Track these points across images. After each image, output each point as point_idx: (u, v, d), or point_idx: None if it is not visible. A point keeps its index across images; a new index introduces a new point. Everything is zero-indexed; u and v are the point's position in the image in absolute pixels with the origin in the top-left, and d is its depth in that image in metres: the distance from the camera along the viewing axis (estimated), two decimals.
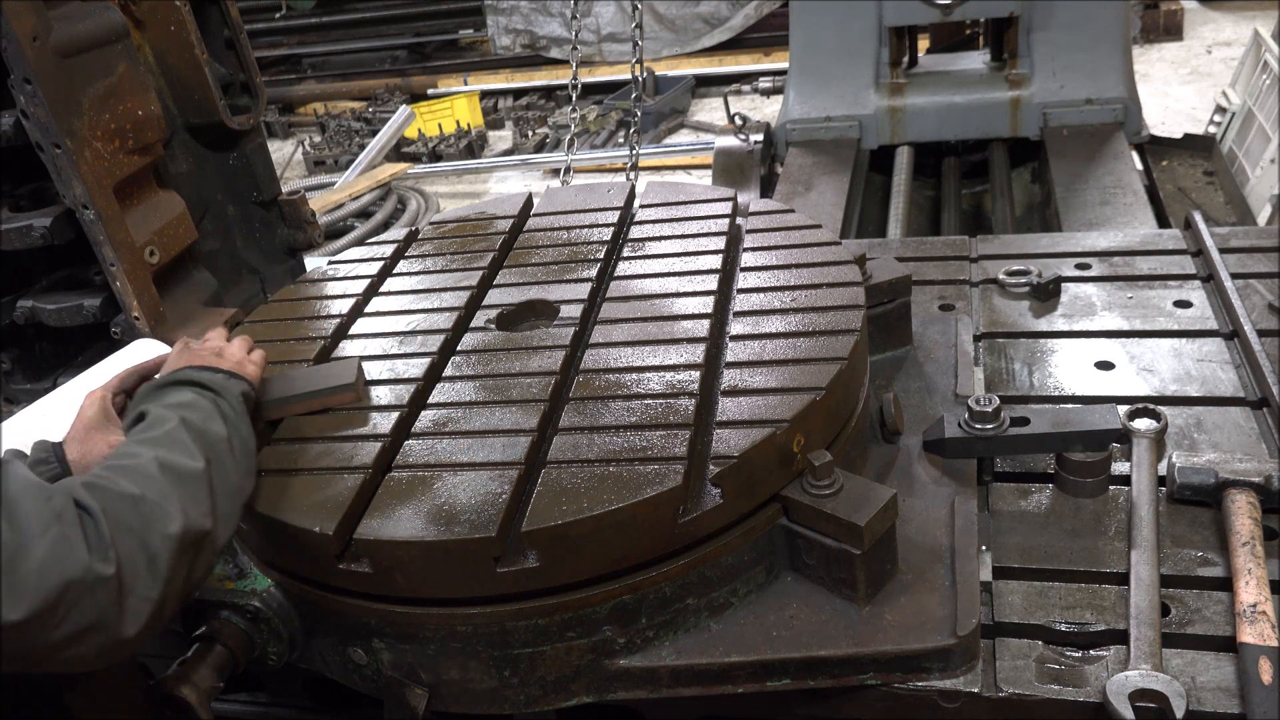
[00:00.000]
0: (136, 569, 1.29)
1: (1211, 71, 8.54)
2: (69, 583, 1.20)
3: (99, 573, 1.23)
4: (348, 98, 11.18)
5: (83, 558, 1.22)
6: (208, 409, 1.54)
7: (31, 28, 2.22)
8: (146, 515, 1.33)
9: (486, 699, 1.62)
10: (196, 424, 1.50)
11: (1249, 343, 2.20)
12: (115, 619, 1.26)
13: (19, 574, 1.16)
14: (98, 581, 1.23)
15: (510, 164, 8.69)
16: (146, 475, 1.38)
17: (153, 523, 1.33)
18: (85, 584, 1.22)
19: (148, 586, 1.30)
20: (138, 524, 1.31)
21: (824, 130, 4.75)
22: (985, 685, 1.57)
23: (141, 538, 1.31)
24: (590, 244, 2.35)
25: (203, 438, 1.48)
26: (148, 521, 1.33)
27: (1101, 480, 1.89)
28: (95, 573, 1.23)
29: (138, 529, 1.31)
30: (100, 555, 1.25)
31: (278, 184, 3.16)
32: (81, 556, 1.22)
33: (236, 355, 1.74)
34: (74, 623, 1.22)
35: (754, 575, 1.66)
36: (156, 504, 1.35)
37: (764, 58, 9.94)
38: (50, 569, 1.18)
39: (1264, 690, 1.45)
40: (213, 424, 1.52)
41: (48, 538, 1.20)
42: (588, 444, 1.64)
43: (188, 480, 1.41)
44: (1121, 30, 4.51)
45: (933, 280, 2.74)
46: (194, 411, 1.52)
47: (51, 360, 2.84)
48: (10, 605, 1.15)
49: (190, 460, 1.43)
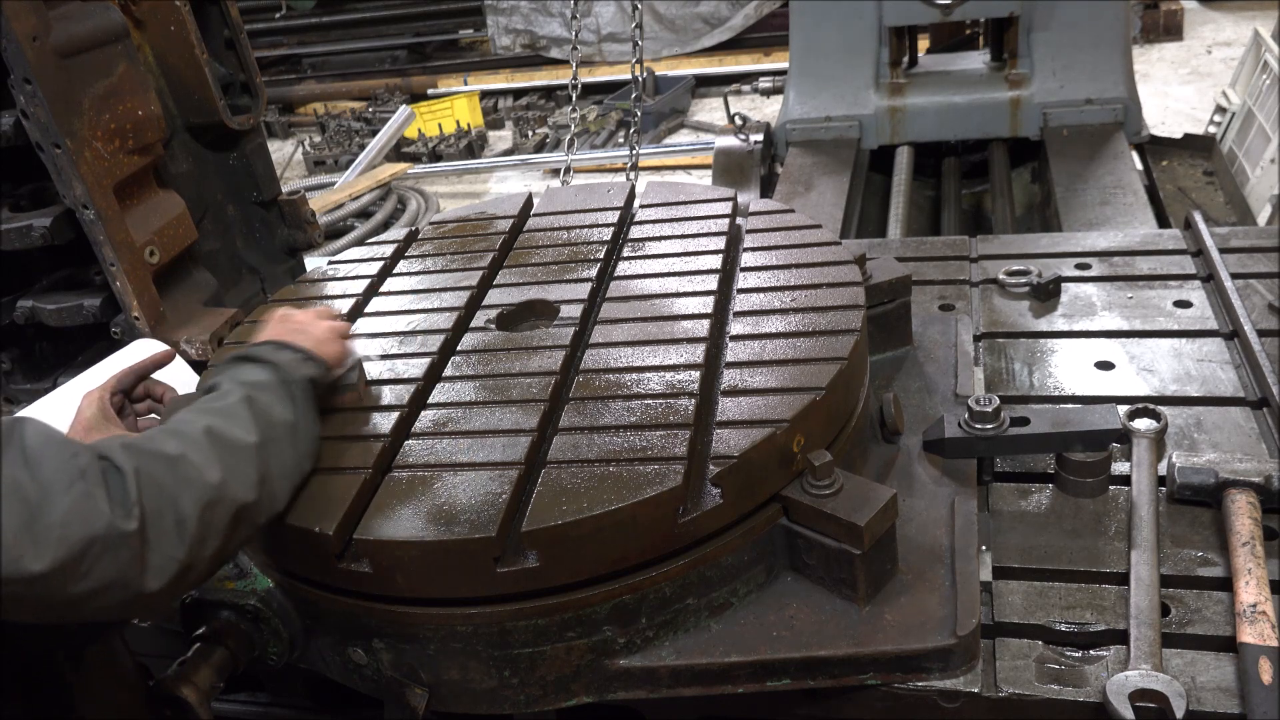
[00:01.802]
0: (163, 527, 1.29)
1: (1211, 71, 8.54)
2: (91, 538, 1.21)
3: (121, 529, 1.24)
4: (348, 98, 11.18)
5: (105, 514, 1.23)
6: (276, 390, 1.56)
7: (31, 28, 2.22)
8: (182, 475, 1.34)
9: (486, 699, 1.62)
10: (261, 403, 1.52)
11: (1249, 343, 2.20)
12: (137, 575, 1.27)
13: (42, 526, 1.17)
14: (120, 538, 1.24)
15: (510, 164, 8.69)
16: (192, 439, 1.39)
17: (187, 483, 1.34)
18: (107, 540, 1.22)
19: (173, 545, 1.30)
20: (170, 482, 1.32)
21: (824, 130, 4.75)
22: (985, 685, 1.57)
23: (172, 497, 1.31)
24: (590, 244, 2.35)
25: (265, 417, 1.50)
26: (182, 481, 1.33)
27: (1101, 480, 1.89)
28: (117, 529, 1.23)
29: (169, 487, 1.31)
30: (123, 511, 1.25)
31: (278, 184, 3.16)
32: (104, 512, 1.23)
33: (318, 334, 1.73)
34: (96, 578, 1.22)
35: (754, 575, 1.66)
36: (195, 465, 1.36)
37: (764, 58, 9.94)
38: (73, 524, 1.19)
39: (1264, 690, 1.45)
40: (278, 406, 1.54)
41: (72, 493, 1.20)
42: (588, 444, 1.64)
43: (235, 451, 1.42)
44: (1121, 30, 4.51)
45: (933, 280, 2.74)
46: (262, 391, 1.54)
47: (51, 360, 2.84)
48: (34, 557, 1.16)
49: (243, 433, 1.45)
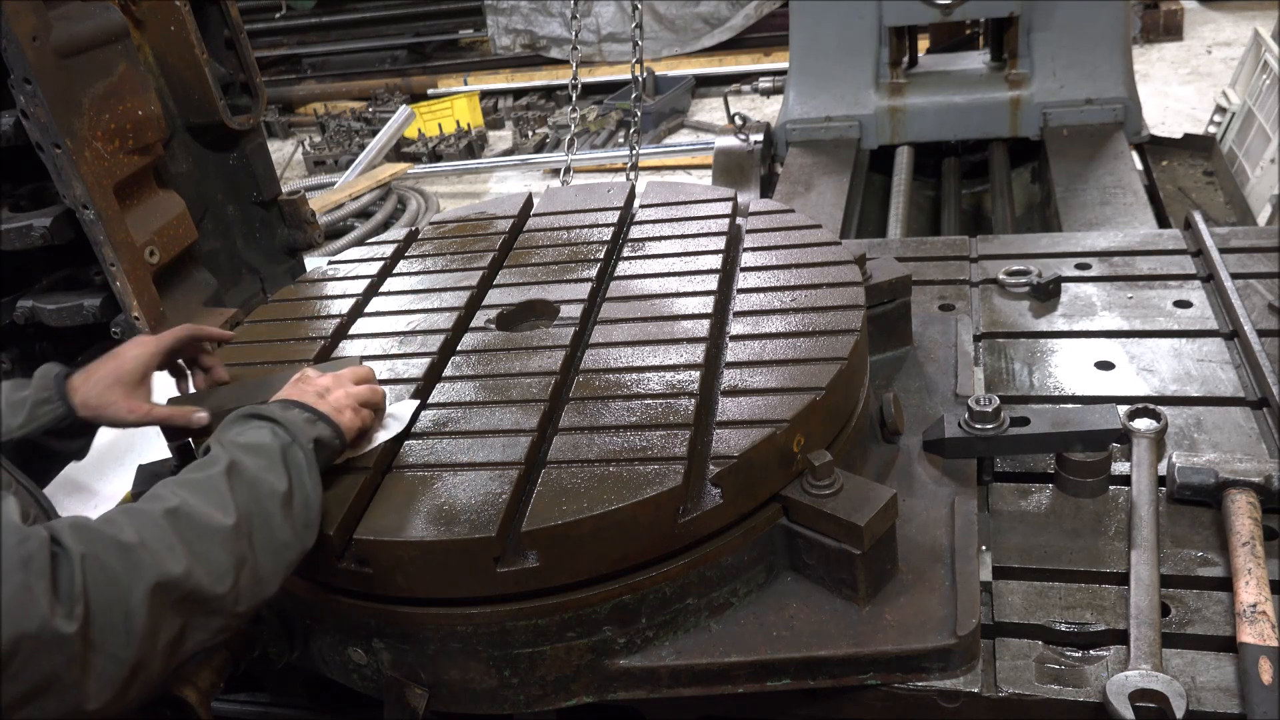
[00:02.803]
0: (109, 625, 1.18)
1: (1211, 71, 8.54)
2: (21, 636, 1.10)
3: (57, 629, 1.13)
4: (348, 98, 11.18)
5: (41, 611, 1.12)
6: (273, 455, 1.43)
7: (31, 28, 2.22)
8: (135, 564, 1.22)
9: (486, 699, 1.62)
10: (249, 473, 1.39)
11: (1249, 343, 2.20)
12: (75, 680, 1.15)
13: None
14: (55, 639, 1.13)
15: (510, 164, 8.69)
16: (154, 523, 1.28)
17: (140, 574, 1.22)
18: (40, 640, 1.12)
19: (120, 645, 1.19)
20: (122, 572, 1.20)
21: (824, 130, 4.75)
22: (985, 685, 1.57)
23: (123, 589, 1.20)
24: (590, 244, 2.35)
25: (252, 489, 1.38)
26: (134, 570, 1.21)
27: (1101, 480, 1.89)
28: (53, 629, 1.12)
29: (121, 578, 1.20)
30: (65, 610, 1.14)
31: (278, 184, 3.16)
32: (40, 610, 1.12)
33: (338, 400, 1.61)
34: (25, 681, 1.12)
35: (754, 575, 1.66)
36: (152, 553, 1.24)
37: (764, 58, 9.94)
38: (6, 619, 1.09)
39: (1264, 690, 1.44)
40: (270, 474, 1.41)
41: (10, 585, 1.11)
42: (588, 444, 1.64)
43: (205, 536, 1.30)
44: (1121, 30, 4.51)
45: (933, 280, 2.74)
46: (255, 456, 1.42)
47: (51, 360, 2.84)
48: None
49: (218, 514, 1.32)
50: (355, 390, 1.67)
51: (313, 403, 1.58)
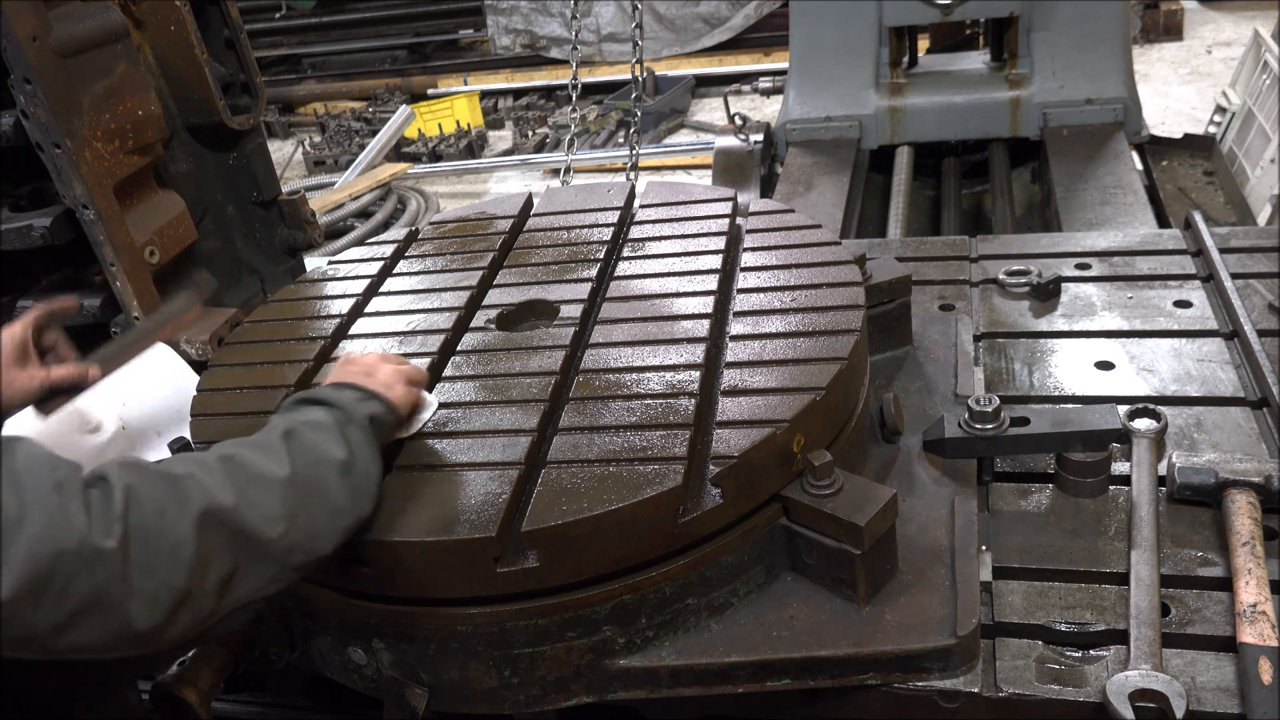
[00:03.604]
0: (154, 548, 1.18)
1: (1211, 71, 8.54)
2: (60, 554, 1.11)
3: (96, 544, 1.14)
4: (348, 98, 11.18)
5: (79, 527, 1.13)
6: (330, 429, 1.46)
7: (31, 28, 2.22)
8: (182, 494, 1.23)
9: (486, 699, 1.62)
10: (305, 440, 1.42)
11: (1249, 343, 2.20)
12: (119, 599, 1.16)
13: (11, 547, 1.09)
14: (95, 555, 1.13)
15: (510, 164, 8.69)
16: (205, 463, 1.30)
17: (187, 503, 1.23)
18: (80, 556, 1.12)
19: (168, 571, 1.19)
20: (169, 501, 1.22)
21: (824, 130, 4.75)
22: (985, 685, 1.57)
23: (169, 516, 1.21)
24: (590, 244, 2.35)
25: (308, 453, 1.40)
26: (181, 499, 1.22)
27: (1101, 480, 1.89)
28: (92, 544, 1.13)
29: (167, 507, 1.21)
30: (103, 527, 1.15)
31: (278, 184, 3.16)
32: (78, 525, 1.13)
33: (386, 377, 1.64)
34: (70, 600, 1.12)
35: (754, 575, 1.66)
36: (200, 484, 1.25)
37: (764, 58, 9.94)
38: (41, 540, 1.10)
39: (1264, 690, 1.44)
40: (329, 445, 1.43)
41: (45, 509, 1.12)
42: (588, 444, 1.64)
43: (257, 481, 1.32)
44: (1121, 30, 4.51)
45: (933, 280, 2.74)
46: (314, 429, 1.44)
47: None
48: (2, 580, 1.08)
49: (273, 466, 1.35)
50: (403, 367, 1.71)
51: (362, 382, 1.60)
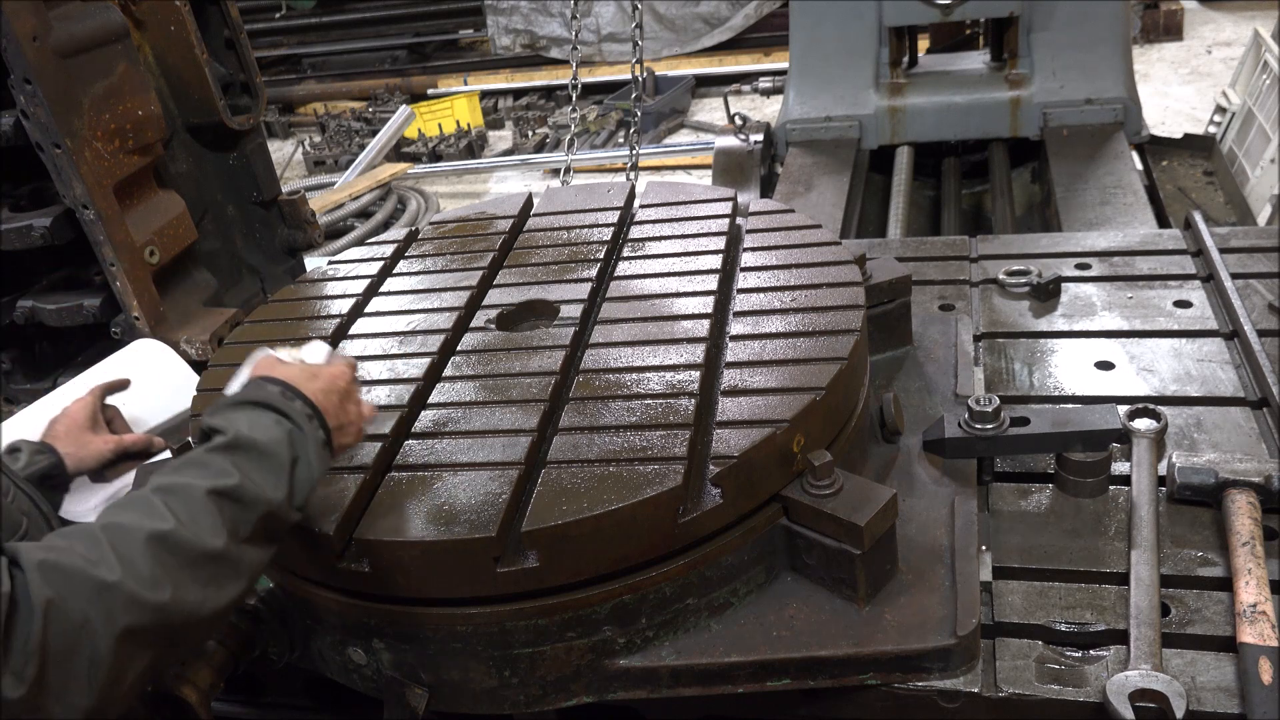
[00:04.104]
0: (70, 674, 1.09)
1: (1211, 71, 8.54)
2: None
3: (3, 695, 1.04)
4: (348, 98, 11.18)
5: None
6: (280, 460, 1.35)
7: (31, 28, 2.22)
8: (109, 606, 1.13)
9: (486, 699, 1.62)
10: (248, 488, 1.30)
11: (1249, 343, 2.20)
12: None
13: None
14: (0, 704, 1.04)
15: (510, 164, 8.69)
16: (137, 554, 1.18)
17: (112, 615, 1.13)
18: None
19: (80, 693, 1.10)
20: (94, 616, 1.11)
21: (824, 130, 4.75)
22: (985, 685, 1.57)
23: (91, 634, 1.11)
24: (590, 244, 2.35)
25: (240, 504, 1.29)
26: (108, 614, 1.12)
27: (1101, 480, 1.89)
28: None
29: (91, 622, 1.11)
30: (17, 667, 1.05)
31: (278, 184, 3.16)
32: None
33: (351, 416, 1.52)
34: None
35: (754, 575, 1.66)
36: (131, 593, 1.14)
37: (764, 58, 9.94)
38: None
39: (1264, 690, 1.44)
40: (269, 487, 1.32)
41: None
42: (588, 444, 1.64)
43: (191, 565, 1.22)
44: (1121, 30, 4.51)
45: (933, 280, 2.74)
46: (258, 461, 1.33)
47: (51, 360, 2.85)
48: None
49: (211, 538, 1.24)
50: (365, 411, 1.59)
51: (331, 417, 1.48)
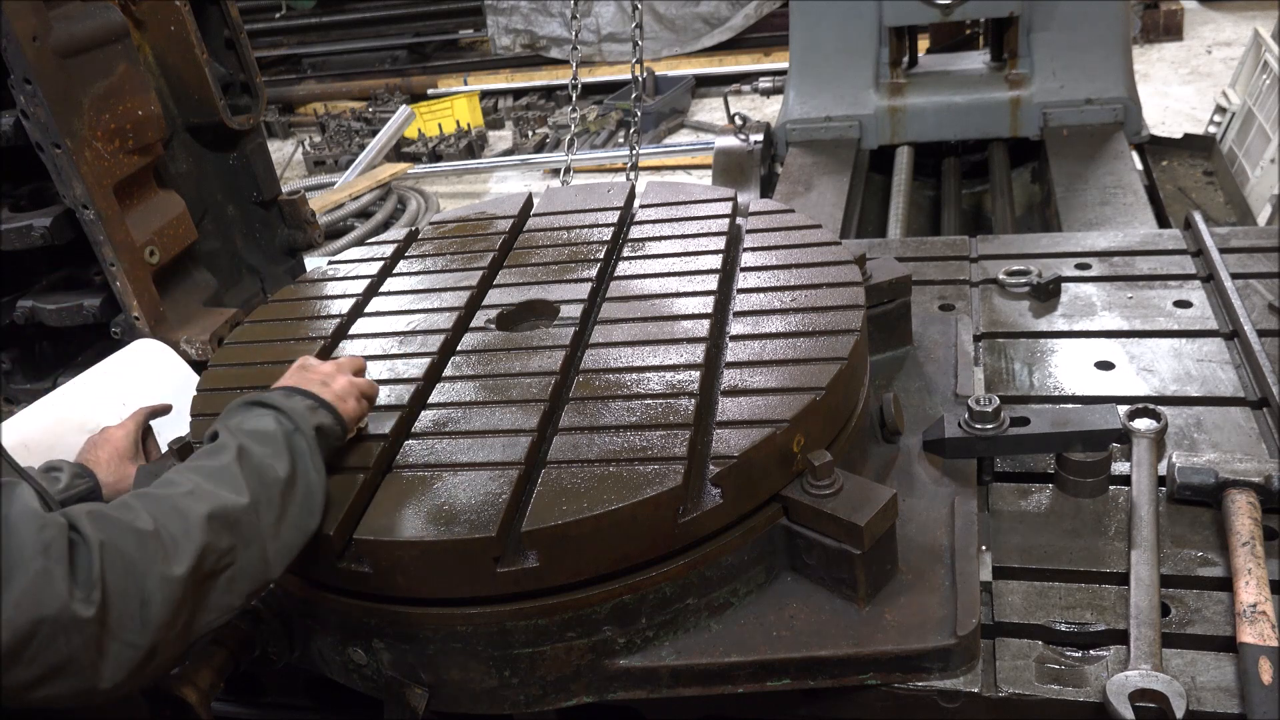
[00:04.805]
0: (125, 611, 1.20)
1: (1211, 71, 8.54)
2: (41, 620, 1.13)
3: (76, 614, 1.15)
4: (348, 98, 11.18)
5: (60, 594, 1.14)
6: (277, 440, 1.46)
7: (31, 28, 2.22)
8: (151, 552, 1.24)
9: (486, 699, 1.62)
10: (255, 459, 1.41)
11: (1249, 343, 2.20)
12: (91, 663, 1.18)
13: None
14: (73, 623, 1.15)
15: (510, 164, 8.69)
16: (172, 509, 1.30)
17: (155, 562, 1.24)
18: (59, 623, 1.14)
19: (135, 632, 1.21)
20: (139, 560, 1.23)
21: (824, 130, 4.75)
22: (985, 685, 1.57)
23: (139, 575, 1.22)
24: (590, 244, 2.35)
25: (258, 473, 1.40)
26: (150, 558, 1.24)
27: (1101, 480, 1.89)
28: (72, 613, 1.15)
29: (137, 565, 1.22)
30: (83, 594, 1.16)
31: (278, 184, 3.16)
32: (60, 593, 1.14)
33: (341, 389, 1.63)
34: (41, 664, 1.14)
35: (754, 575, 1.66)
36: (169, 541, 1.26)
37: (764, 58, 9.94)
38: (25, 603, 1.12)
39: (1264, 690, 1.44)
40: (276, 461, 1.43)
41: (30, 570, 1.13)
42: (588, 444, 1.64)
43: (220, 517, 1.32)
44: (1121, 30, 4.51)
45: (933, 280, 2.74)
46: (261, 442, 1.44)
47: (51, 360, 2.85)
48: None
49: (233, 495, 1.35)
50: (359, 380, 1.70)
51: (316, 390, 1.60)
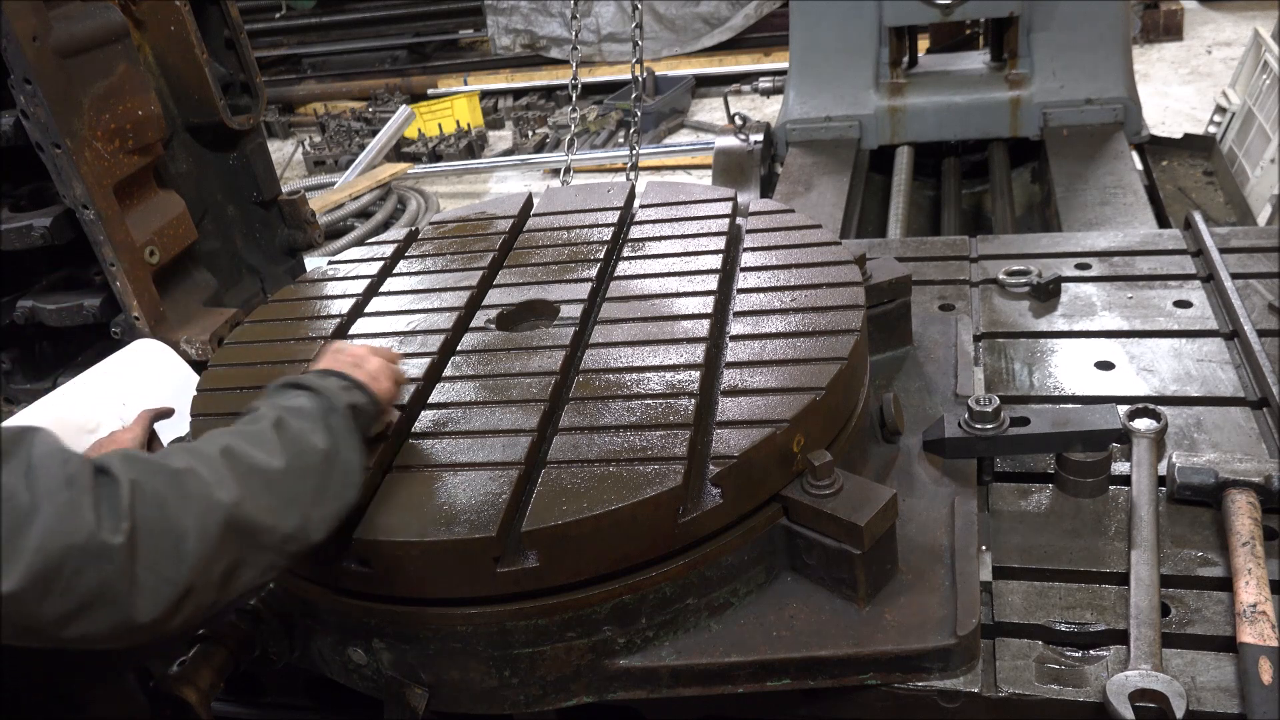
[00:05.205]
0: (158, 544, 1.20)
1: (1211, 71, 8.54)
2: (69, 548, 1.13)
3: (104, 540, 1.15)
4: (348, 98, 11.18)
5: (88, 523, 1.15)
6: (314, 417, 1.46)
7: (31, 28, 2.22)
8: (185, 490, 1.25)
9: (486, 699, 1.62)
10: (293, 429, 1.43)
11: (1249, 343, 2.20)
12: (124, 593, 1.18)
13: (22, 539, 1.11)
14: (102, 550, 1.15)
15: (510, 164, 8.69)
16: (204, 456, 1.31)
17: (190, 499, 1.24)
18: (88, 551, 1.14)
19: (171, 566, 1.21)
20: (172, 496, 1.23)
21: (824, 130, 4.75)
22: (985, 685, 1.57)
23: (172, 512, 1.22)
24: (590, 244, 2.35)
25: (296, 443, 1.41)
26: (184, 496, 1.24)
27: (1101, 480, 1.89)
28: (100, 540, 1.15)
29: (170, 501, 1.23)
30: (111, 523, 1.17)
31: (278, 184, 3.16)
32: (87, 522, 1.15)
33: (374, 369, 1.65)
34: (76, 594, 1.14)
35: (754, 575, 1.66)
36: (202, 481, 1.27)
37: (764, 58, 9.94)
38: (52, 534, 1.12)
39: (1264, 690, 1.45)
40: (313, 434, 1.44)
41: (55, 502, 1.14)
42: (588, 444, 1.64)
43: (256, 473, 1.33)
44: (1121, 30, 4.51)
45: (933, 280, 2.74)
46: (298, 417, 1.45)
47: (51, 360, 2.85)
48: (7, 571, 1.09)
49: (267, 457, 1.36)
50: (392, 364, 1.73)
51: (349, 371, 1.61)
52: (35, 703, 1.46)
